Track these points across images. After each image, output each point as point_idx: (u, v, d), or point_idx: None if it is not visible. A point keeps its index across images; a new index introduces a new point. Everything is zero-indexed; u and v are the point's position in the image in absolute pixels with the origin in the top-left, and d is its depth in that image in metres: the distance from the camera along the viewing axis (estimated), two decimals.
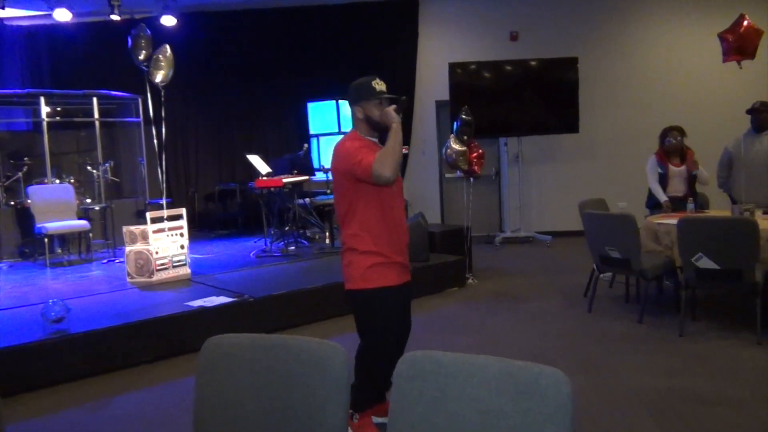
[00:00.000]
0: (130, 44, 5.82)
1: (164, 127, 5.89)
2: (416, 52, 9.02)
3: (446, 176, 9.10)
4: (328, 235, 7.30)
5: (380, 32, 9.04)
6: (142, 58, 5.79)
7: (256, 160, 7.27)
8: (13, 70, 8.48)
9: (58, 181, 7.36)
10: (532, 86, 8.25)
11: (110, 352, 3.99)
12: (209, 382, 1.63)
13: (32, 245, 7.00)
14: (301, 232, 7.36)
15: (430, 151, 9.06)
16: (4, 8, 6.89)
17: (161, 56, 5.73)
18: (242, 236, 8.35)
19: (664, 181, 5.45)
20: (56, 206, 6.73)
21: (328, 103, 8.77)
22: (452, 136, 6.15)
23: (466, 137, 6.08)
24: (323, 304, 4.98)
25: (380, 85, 2.72)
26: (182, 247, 5.60)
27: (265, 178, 6.91)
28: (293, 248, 6.89)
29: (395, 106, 2.67)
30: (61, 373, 3.79)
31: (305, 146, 7.83)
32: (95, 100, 7.64)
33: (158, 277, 5.39)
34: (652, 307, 4.89)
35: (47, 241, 6.57)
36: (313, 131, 9.07)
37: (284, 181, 6.76)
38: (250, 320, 4.59)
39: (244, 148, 8.90)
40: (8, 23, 8.38)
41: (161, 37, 6.40)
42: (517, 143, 8.65)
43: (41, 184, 7.14)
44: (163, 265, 5.44)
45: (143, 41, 5.80)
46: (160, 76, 5.73)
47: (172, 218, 5.63)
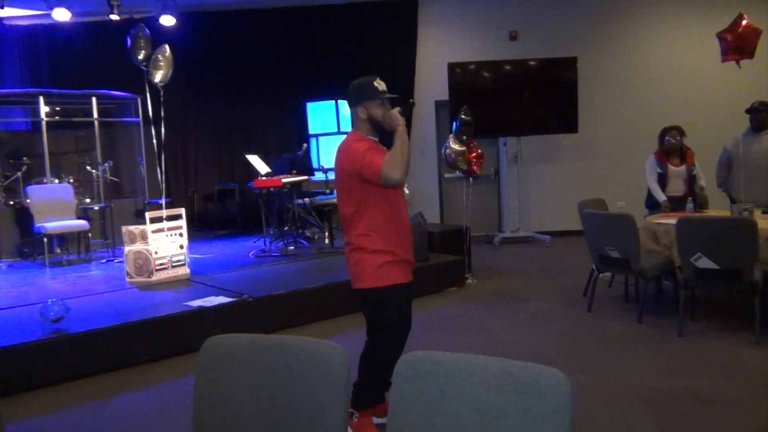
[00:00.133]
0: (129, 44, 5.81)
1: (163, 126, 5.89)
2: (415, 52, 9.02)
3: (445, 176, 9.11)
4: (327, 235, 7.29)
5: (380, 32, 9.04)
6: (141, 57, 5.78)
7: (255, 160, 7.27)
8: (12, 69, 8.48)
9: (57, 180, 7.35)
10: (531, 86, 8.26)
11: (109, 351, 3.99)
12: (209, 382, 1.63)
13: (31, 245, 6.99)
14: (300, 232, 7.36)
15: (429, 150, 9.07)
16: (3, 8, 6.89)
17: (160, 56, 5.73)
18: (241, 236, 8.35)
19: (663, 180, 5.46)
20: (55, 206, 6.72)
21: (327, 103, 8.77)
22: (451, 136, 6.16)
23: (465, 137, 6.09)
24: (322, 304, 4.98)
25: (381, 84, 2.73)
26: (181, 247, 5.60)
27: (264, 178, 6.91)
28: (292, 248, 6.89)
29: (399, 108, 2.67)
30: (60, 372, 3.79)
31: (304, 146, 7.83)
32: (94, 99, 7.63)
33: (157, 277, 5.39)
34: (651, 306, 4.89)
35: (46, 240, 6.57)
36: (312, 131, 9.07)
37: (283, 181, 6.76)
38: (249, 320, 4.59)
39: (243, 148, 8.90)
40: (7, 23, 8.37)
41: (160, 36, 6.40)
42: (516, 143, 8.66)
43: (40, 183, 7.13)
44: (162, 265, 5.44)
45: (142, 41, 5.79)
46: (159, 75, 5.73)
47: (171, 218, 5.63)
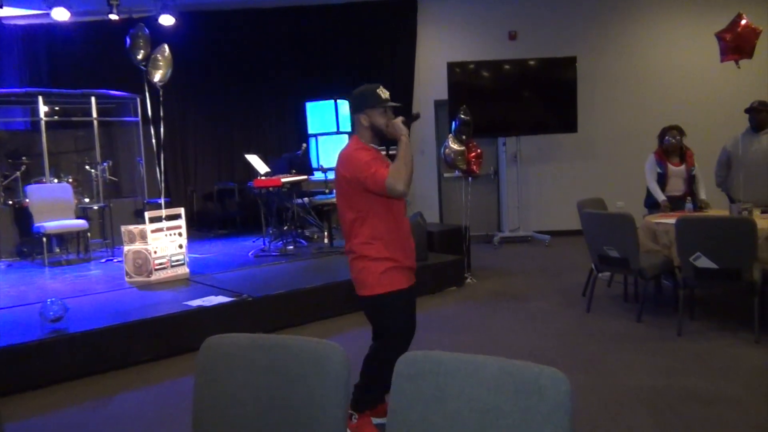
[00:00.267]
0: (128, 44, 5.80)
1: (162, 126, 5.88)
2: (415, 51, 9.01)
3: (445, 176, 9.10)
4: (326, 234, 7.29)
5: (379, 32, 9.04)
6: (140, 57, 5.78)
7: (254, 159, 7.26)
8: (11, 69, 8.47)
9: (56, 180, 7.34)
10: (530, 86, 8.26)
11: (109, 351, 3.99)
12: (208, 381, 1.62)
13: (30, 244, 6.99)
14: (299, 231, 7.36)
15: (428, 150, 9.06)
16: (2, 7, 6.87)
17: (159, 56, 5.72)
18: (241, 236, 8.34)
19: (663, 180, 5.45)
20: (54, 205, 6.72)
21: (326, 102, 8.75)
22: (451, 135, 6.16)
23: (464, 137, 6.09)
24: (322, 303, 4.98)
25: (385, 93, 2.72)
26: (181, 246, 5.60)
27: (263, 177, 6.91)
28: (292, 248, 6.89)
29: (403, 117, 2.67)
30: (59, 372, 3.79)
31: (304, 146, 7.82)
32: (93, 99, 7.62)
33: (157, 276, 5.39)
34: (650, 306, 4.90)
35: (45, 240, 6.57)
36: (311, 131, 9.05)
37: (283, 180, 6.76)
38: (248, 320, 4.59)
39: (242, 147, 8.90)
40: (6, 22, 8.36)
41: (160, 36, 6.38)
42: (515, 143, 8.66)
43: (39, 183, 7.13)
44: (161, 264, 5.44)
45: (142, 41, 5.79)
46: (158, 75, 5.72)
47: (170, 218, 5.63)
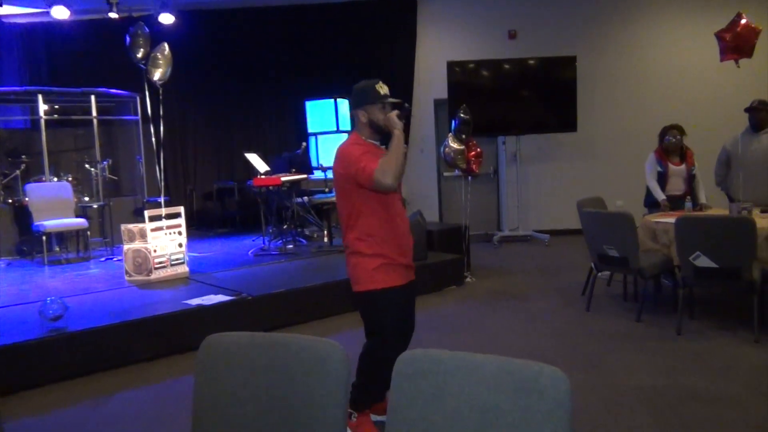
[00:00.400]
0: (128, 42, 5.79)
1: (162, 125, 5.88)
2: (415, 50, 9.00)
3: (444, 175, 9.10)
4: (326, 233, 7.29)
5: (379, 31, 9.03)
6: (140, 56, 5.77)
7: (254, 158, 7.26)
8: (10, 67, 8.46)
9: (56, 179, 7.33)
10: (530, 85, 8.26)
11: (108, 350, 3.99)
12: (208, 380, 1.62)
13: (30, 243, 6.98)
14: (299, 230, 7.36)
15: (428, 149, 9.06)
16: (1, 5, 6.87)
17: (159, 54, 5.72)
18: (240, 235, 8.34)
19: (663, 179, 5.45)
20: (54, 204, 6.71)
21: (326, 101, 8.76)
22: (450, 134, 6.16)
23: (464, 136, 6.09)
24: (321, 302, 4.99)
25: (383, 88, 2.72)
26: (180, 245, 5.59)
27: (263, 176, 6.91)
28: (291, 247, 6.89)
29: (398, 111, 2.67)
30: (59, 371, 3.79)
31: (303, 145, 7.82)
32: (93, 98, 7.61)
33: (156, 275, 5.39)
34: (649, 305, 4.90)
35: (45, 239, 6.56)
36: (311, 130, 9.05)
37: (282, 179, 6.76)
38: (248, 319, 4.59)
39: (242, 146, 8.89)
40: (6, 21, 8.35)
41: (159, 35, 6.38)
42: (515, 142, 8.66)
43: (39, 182, 7.12)
44: (161, 263, 5.44)
45: (141, 39, 5.78)
46: (158, 74, 5.72)
47: (170, 216, 5.63)
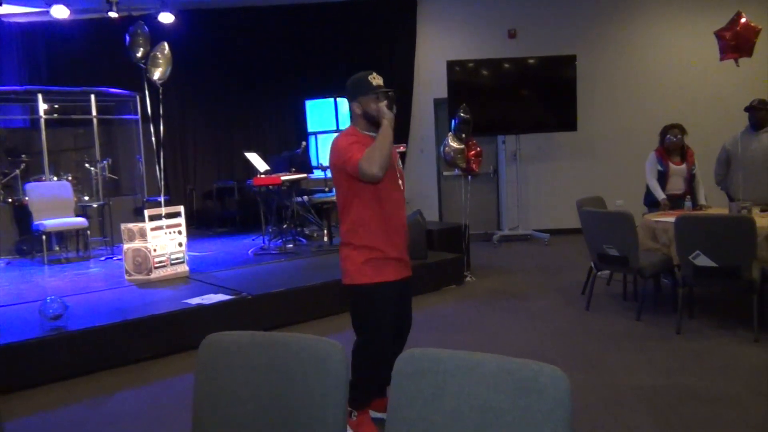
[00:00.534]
0: (127, 41, 5.79)
1: (162, 124, 5.88)
2: (414, 49, 9.00)
3: (444, 174, 9.10)
4: (326, 232, 7.29)
5: (378, 30, 9.03)
6: (139, 55, 5.76)
7: (254, 157, 7.26)
8: (10, 67, 8.46)
9: (55, 178, 7.33)
10: (530, 84, 8.26)
11: (108, 349, 3.99)
12: (208, 379, 1.63)
13: (30, 242, 6.98)
14: (299, 229, 7.36)
15: (428, 148, 9.06)
16: (1, 5, 6.86)
17: (159, 53, 5.71)
18: (240, 234, 8.34)
19: (663, 178, 5.45)
20: (54, 203, 6.71)
21: (326, 100, 8.76)
22: (450, 134, 6.16)
23: (464, 135, 6.09)
24: (321, 301, 4.99)
25: (377, 79, 2.72)
26: (180, 244, 5.60)
27: (263, 175, 6.91)
28: (291, 246, 6.89)
29: (386, 101, 2.67)
30: (59, 370, 3.79)
31: (303, 144, 7.83)
32: (93, 97, 7.62)
33: (156, 274, 5.39)
34: (649, 304, 4.90)
35: (45, 238, 6.56)
36: (311, 129, 9.06)
37: (282, 179, 6.76)
38: (248, 318, 4.59)
39: (242, 145, 8.90)
40: (6, 20, 8.35)
41: (159, 34, 6.38)
42: (515, 141, 8.66)
43: (39, 181, 7.12)
44: (161, 262, 5.44)
45: (141, 38, 5.77)
46: (158, 73, 5.72)
47: (170, 216, 5.63)
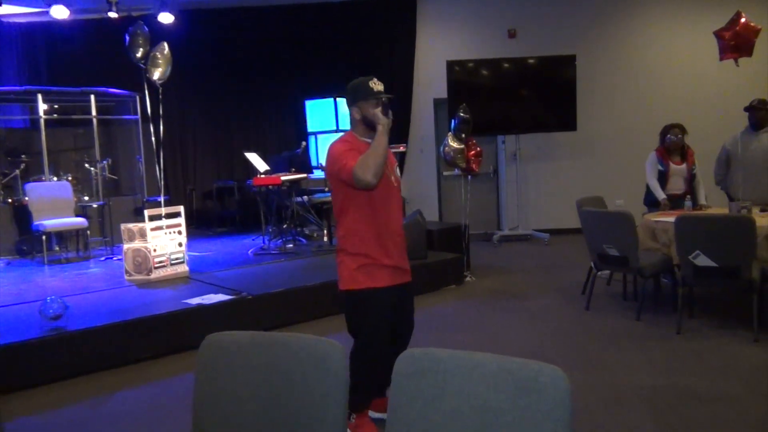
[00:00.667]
0: (127, 42, 5.79)
1: (162, 124, 5.87)
2: (414, 49, 9.01)
3: (444, 174, 9.10)
4: (326, 232, 7.30)
5: (378, 30, 9.03)
6: (139, 55, 5.76)
7: (254, 157, 7.26)
8: (10, 67, 8.46)
9: (55, 178, 7.34)
10: (530, 84, 8.26)
11: (108, 349, 3.99)
12: (208, 379, 1.63)
13: (30, 242, 6.98)
14: (299, 229, 7.36)
15: (428, 148, 9.06)
16: (1, 5, 6.86)
17: (159, 54, 5.71)
18: (240, 234, 8.34)
19: (664, 178, 5.45)
20: (54, 203, 6.71)
21: (326, 101, 8.76)
22: (450, 133, 6.16)
23: (464, 135, 6.09)
24: (321, 301, 4.98)
25: (378, 85, 2.70)
26: (180, 244, 5.60)
27: (263, 176, 6.91)
28: (291, 246, 6.89)
29: (381, 107, 2.64)
30: (59, 370, 3.79)
31: (303, 144, 7.83)
32: (93, 97, 7.62)
33: (156, 274, 5.39)
34: (649, 304, 4.90)
35: (45, 238, 6.56)
36: (311, 129, 9.06)
37: (282, 179, 6.76)
38: (248, 318, 4.59)
39: (241, 145, 8.90)
40: (5, 20, 8.35)
41: (159, 34, 6.37)
42: (515, 141, 8.66)
43: (39, 181, 7.12)
44: (161, 262, 5.44)
45: (141, 39, 5.77)
46: (157, 73, 5.71)
47: (170, 216, 5.63)
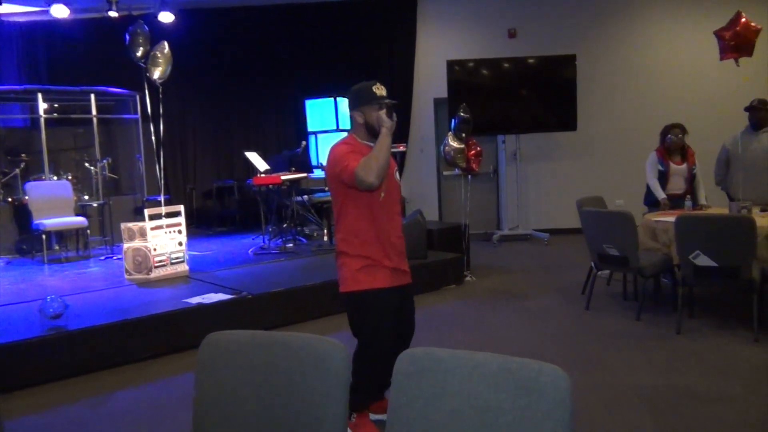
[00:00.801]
0: (127, 41, 5.78)
1: (162, 123, 5.87)
2: (414, 49, 9.01)
3: (444, 174, 9.10)
4: (326, 232, 7.30)
5: (378, 29, 9.04)
6: (139, 54, 5.76)
7: (254, 157, 7.26)
8: (10, 66, 8.45)
9: (55, 177, 7.33)
10: (530, 84, 8.26)
11: (108, 348, 3.99)
12: (208, 378, 1.63)
13: (30, 242, 6.98)
14: (299, 229, 7.36)
15: (428, 148, 9.07)
16: (1, 4, 6.86)
17: (159, 53, 5.71)
18: (240, 233, 8.34)
19: (664, 178, 5.46)
20: (54, 203, 6.71)
21: (326, 100, 8.76)
22: (450, 133, 6.16)
23: (464, 135, 6.09)
24: (321, 301, 4.98)
25: (381, 90, 2.70)
26: (180, 244, 5.60)
27: (263, 175, 6.91)
28: (291, 245, 6.89)
29: (385, 110, 2.64)
30: (59, 369, 3.79)
31: (303, 143, 7.82)
32: (93, 96, 7.62)
33: (156, 274, 5.39)
34: (649, 304, 4.90)
35: (45, 237, 6.56)
36: (311, 128, 9.06)
37: (282, 178, 6.76)
38: (248, 317, 4.59)
39: (242, 145, 8.90)
40: (5, 19, 8.34)
41: (159, 33, 6.37)
42: (515, 141, 8.66)
43: (39, 180, 7.12)
44: (161, 262, 5.44)
45: (141, 38, 5.77)
46: (157, 72, 5.71)
47: (170, 215, 5.63)
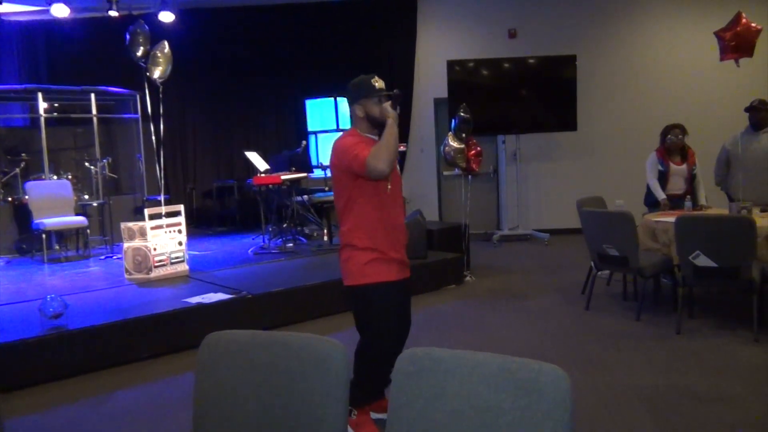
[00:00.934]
0: (128, 40, 5.79)
1: (162, 123, 5.87)
2: (414, 49, 9.01)
3: (444, 174, 9.10)
4: (326, 232, 7.30)
5: (378, 29, 9.04)
6: (140, 54, 5.76)
7: (254, 156, 7.26)
8: (10, 65, 8.46)
9: (55, 177, 7.33)
10: (530, 84, 8.26)
11: (108, 348, 3.99)
12: (209, 378, 1.63)
13: (30, 241, 6.98)
14: (299, 229, 7.36)
15: (428, 148, 9.06)
16: (1, 3, 6.86)
17: (159, 52, 5.71)
18: (240, 233, 8.35)
19: (664, 178, 5.46)
20: (54, 202, 6.71)
21: (326, 100, 8.77)
22: (450, 133, 6.16)
23: (464, 135, 6.09)
24: (321, 301, 4.99)
25: (379, 82, 2.75)
26: (180, 243, 5.60)
27: (263, 175, 6.91)
28: (291, 245, 6.89)
29: (390, 101, 2.70)
30: (59, 369, 3.79)
31: (303, 143, 7.82)
32: (93, 96, 7.62)
33: (156, 273, 5.39)
34: (649, 304, 4.90)
35: (45, 237, 6.56)
36: (311, 128, 9.06)
37: (282, 178, 6.76)
38: (248, 317, 4.59)
39: (242, 144, 8.90)
40: (5, 18, 8.34)
41: (159, 33, 6.37)
42: (515, 141, 8.66)
43: (39, 180, 7.12)
44: (161, 261, 5.44)
45: (141, 37, 5.77)
46: (158, 72, 5.71)
47: (170, 215, 5.63)
